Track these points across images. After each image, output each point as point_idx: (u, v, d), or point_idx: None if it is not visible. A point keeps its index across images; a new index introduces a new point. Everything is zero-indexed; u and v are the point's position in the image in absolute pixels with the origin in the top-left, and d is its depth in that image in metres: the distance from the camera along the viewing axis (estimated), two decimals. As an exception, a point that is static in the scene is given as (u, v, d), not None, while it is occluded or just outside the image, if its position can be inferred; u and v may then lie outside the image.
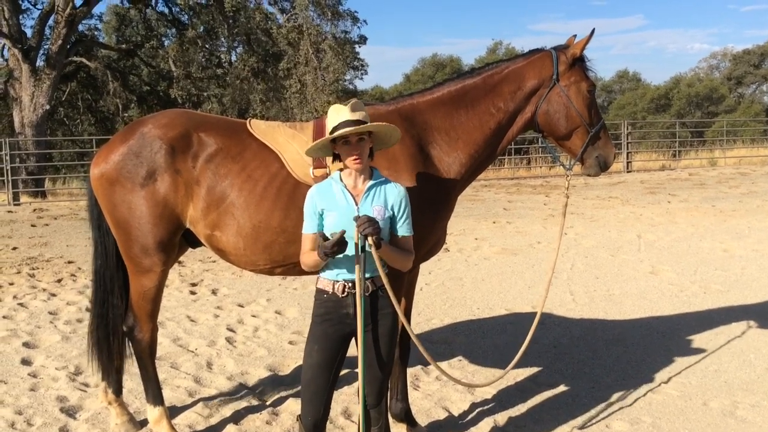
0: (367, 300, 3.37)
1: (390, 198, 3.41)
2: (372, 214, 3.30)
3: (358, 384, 3.43)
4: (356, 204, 3.36)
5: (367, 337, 3.40)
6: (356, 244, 3.26)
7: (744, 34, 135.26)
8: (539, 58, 4.25)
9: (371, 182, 3.41)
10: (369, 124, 3.33)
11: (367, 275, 3.35)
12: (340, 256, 3.29)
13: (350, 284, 3.37)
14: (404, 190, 3.48)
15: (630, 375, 5.48)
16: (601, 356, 5.91)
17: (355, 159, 3.30)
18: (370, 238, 3.18)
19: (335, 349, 3.42)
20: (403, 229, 3.44)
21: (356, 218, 3.21)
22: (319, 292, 3.46)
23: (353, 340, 3.47)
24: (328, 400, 3.45)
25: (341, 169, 3.46)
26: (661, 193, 17.46)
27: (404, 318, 3.52)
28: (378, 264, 3.28)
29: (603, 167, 4.26)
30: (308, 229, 3.41)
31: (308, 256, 3.38)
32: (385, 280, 3.32)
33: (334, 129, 3.30)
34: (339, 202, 3.36)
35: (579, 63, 4.20)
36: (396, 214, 3.42)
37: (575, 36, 4.29)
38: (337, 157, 3.45)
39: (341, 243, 3.17)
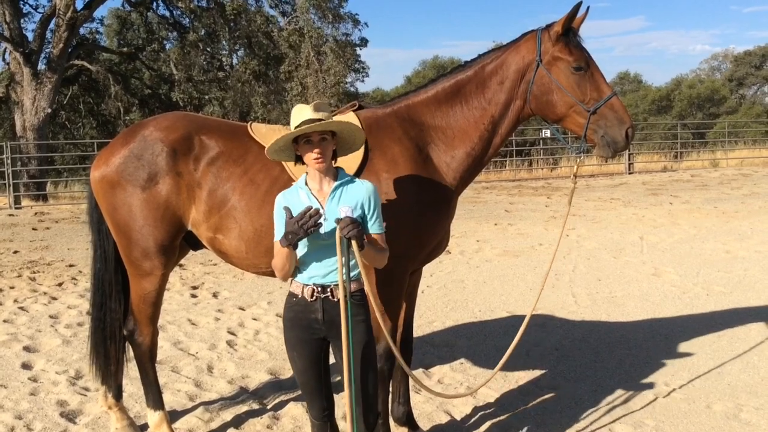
0: (337, 305, 3.22)
1: (357, 196, 3.29)
2: (339, 215, 3.18)
3: (345, 392, 3.22)
4: (322, 207, 3.26)
5: (340, 346, 3.22)
6: (338, 247, 3.14)
7: (746, 35, 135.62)
8: (525, 41, 4.07)
9: (336, 183, 3.31)
10: (329, 121, 3.23)
11: (340, 279, 3.20)
12: (301, 277, 3.23)
13: (319, 289, 3.26)
14: (372, 187, 3.36)
15: (633, 378, 5.45)
16: (603, 359, 5.88)
17: (317, 159, 3.20)
18: (354, 241, 3.10)
19: (314, 352, 3.33)
20: (375, 227, 3.32)
21: (338, 220, 3.12)
22: (290, 295, 3.36)
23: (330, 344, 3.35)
24: (328, 391, 3.40)
25: (307, 173, 3.37)
26: (663, 194, 17.43)
27: (388, 333, 3.40)
28: (361, 267, 3.17)
29: (613, 147, 3.92)
30: (279, 235, 3.29)
31: (277, 256, 3.25)
32: (366, 284, 3.24)
33: (296, 129, 3.21)
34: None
35: (563, 38, 3.94)
36: (366, 212, 3.30)
37: (587, 7, 4.02)
38: (299, 160, 3.37)
39: (304, 222, 3.04)
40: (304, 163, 3.33)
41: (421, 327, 6.75)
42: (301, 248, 3.27)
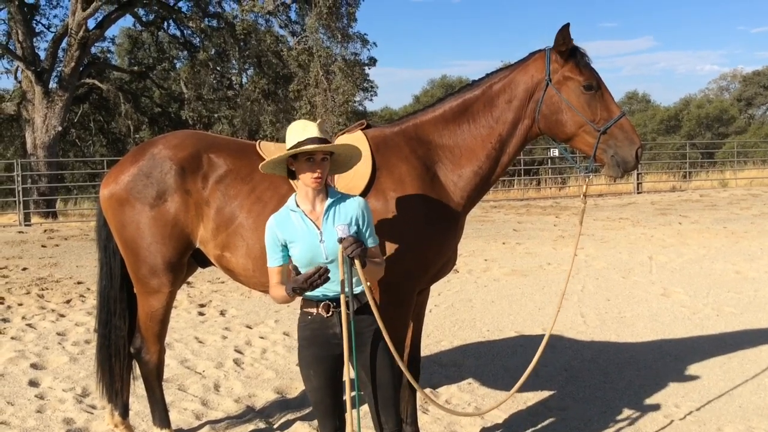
0: (355, 319, 3.26)
1: (351, 212, 3.28)
2: (337, 234, 3.17)
3: (350, 408, 3.30)
4: (318, 228, 3.25)
5: (362, 357, 3.30)
6: (341, 266, 3.16)
7: (754, 55, 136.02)
8: (533, 60, 4.08)
9: (329, 201, 3.29)
10: (339, 144, 3.26)
11: (342, 300, 3.24)
12: (312, 293, 3.22)
13: (334, 303, 3.26)
14: (363, 201, 3.36)
15: (642, 399, 5.39)
16: (612, 380, 5.83)
17: (317, 178, 3.19)
18: (357, 260, 3.10)
19: (331, 370, 3.33)
20: (370, 241, 3.33)
21: (340, 240, 3.12)
22: (303, 314, 3.36)
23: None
24: (341, 412, 3.39)
25: (295, 193, 3.36)
26: (672, 214, 17.36)
27: (392, 345, 3.36)
28: (364, 283, 3.19)
29: (623, 167, 3.94)
30: (273, 262, 3.29)
31: (276, 290, 3.26)
32: (369, 297, 3.23)
33: (299, 144, 3.20)
34: (300, 232, 3.24)
35: (572, 59, 3.96)
36: (360, 227, 3.30)
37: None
38: (292, 175, 3.34)
39: (313, 281, 3.03)
40: (296, 179, 3.31)
41: (428, 346, 6.71)
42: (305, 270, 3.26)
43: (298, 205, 3.30)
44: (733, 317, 7.69)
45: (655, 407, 5.22)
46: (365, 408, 3.41)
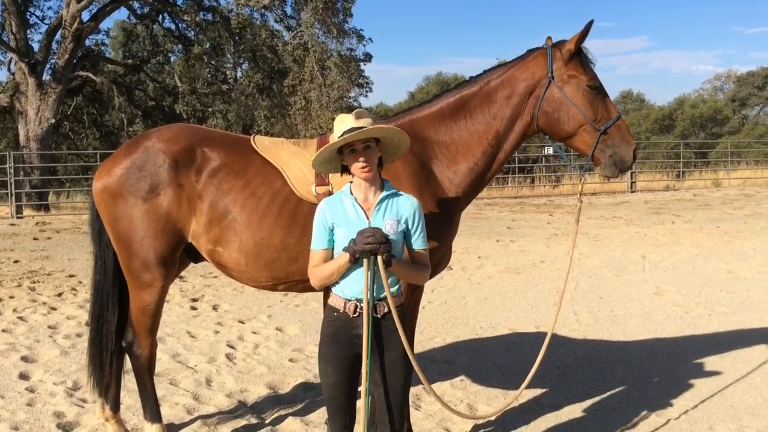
0: (378, 322, 3.24)
1: (403, 210, 3.27)
2: (384, 228, 3.15)
3: (362, 407, 3.29)
4: (367, 218, 3.23)
5: (379, 360, 3.29)
6: (365, 261, 3.12)
7: (749, 56, 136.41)
8: (533, 57, 4.09)
9: (383, 194, 3.28)
10: (373, 127, 3.18)
11: (380, 296, 3.23)
12: (343, 291, 3.25)
13: (362, 304, 3.22)
14: (417, 203, 3.34)
15: (634, 397, 5.40)
16: (605, 378, 5.83)
17: (364, 167, 3.17)
18: (379, 256, 3.07)
19: (349, 368, 3.31)
20: (418, 243, 3.30)
21: (361, 231, 3.09)
22: (330, 309, 3.33)
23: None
24: (352, 410, 3.38)
25: (351, 182, 3.34)
26: (665, 213, 17.40)
27: (408, 345, 3.38)
28: (385, 283, 3.14)
29: (620, 166, 3.99)
30: (317, 244, 3.28)
31: (321, 269, 3.24)
32: (390, 301, 3.19)
33: (339, 138, 3.20)
34: (350, 217, 3.23)
35: (576, 57, 3.99)
36: (410, 227, 3.28)
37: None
38: (345, 170, 3.34)
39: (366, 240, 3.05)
40: (350, 173, 3.29)
41: (421, 343, 6.70)
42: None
43: (351, 193, 3.30)
44: (725, 316, 7.71)
45: (647, 406, 5.23)
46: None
